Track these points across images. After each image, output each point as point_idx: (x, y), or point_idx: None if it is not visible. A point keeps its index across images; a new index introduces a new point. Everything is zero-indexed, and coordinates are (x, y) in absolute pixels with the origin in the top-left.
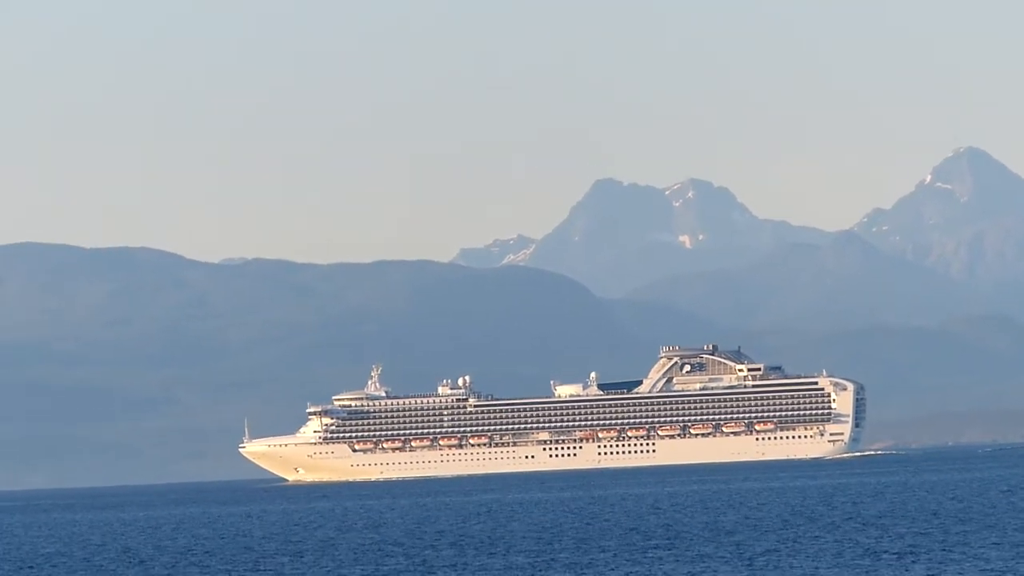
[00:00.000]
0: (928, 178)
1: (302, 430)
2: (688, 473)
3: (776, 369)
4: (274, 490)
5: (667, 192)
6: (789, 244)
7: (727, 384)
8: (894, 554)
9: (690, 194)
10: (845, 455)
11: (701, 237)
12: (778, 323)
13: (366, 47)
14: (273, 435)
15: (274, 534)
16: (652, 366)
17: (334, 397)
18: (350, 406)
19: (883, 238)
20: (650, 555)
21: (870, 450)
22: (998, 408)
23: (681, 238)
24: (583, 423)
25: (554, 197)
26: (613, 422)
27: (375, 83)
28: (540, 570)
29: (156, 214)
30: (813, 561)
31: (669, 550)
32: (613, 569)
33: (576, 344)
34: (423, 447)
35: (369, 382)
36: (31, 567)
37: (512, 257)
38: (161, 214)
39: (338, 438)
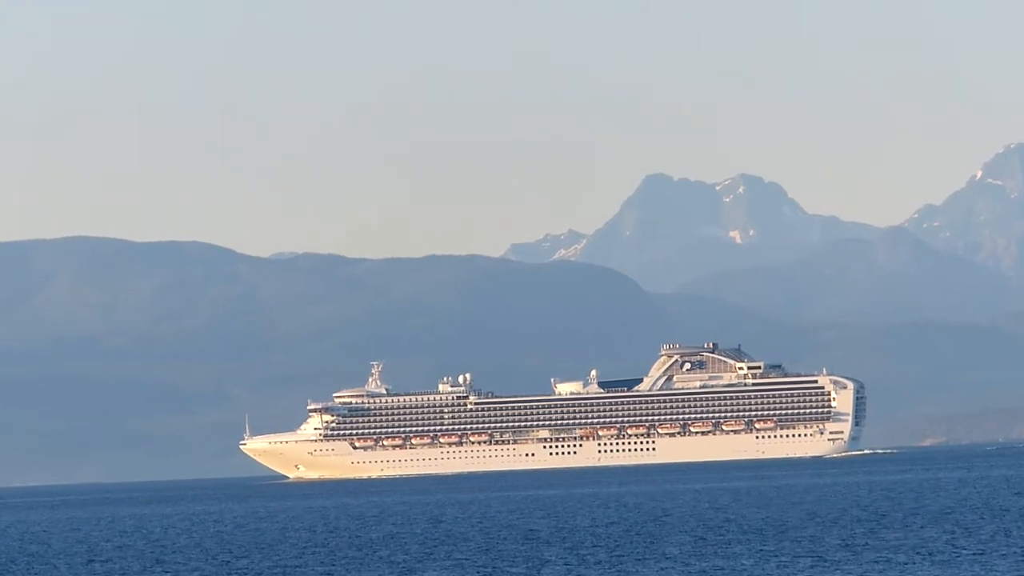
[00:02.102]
0: (979, 174)
1: (303, 427)
2: (715, 470)
3: (776, 367)
4: (288, 487)
5: (718, 187)
6: (839, 240)
7: (727, 382)
8: (975, 553)
9: (740, 189)
10: (845, 454)
11: (751, 232)
12: (828, 319)
13: (409, 40)
14: (275, 432)
15: (343, 527)
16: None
17: (334, 394)
18: (350, 403)
19: (934, 234)
20: (733, 551)
21: (876, 448)
22: None
23: (731, 233)
24: (583, 421)
25: (605, 192)
26: (613, 420)
27: (425, 77)
28: (622, 565)
29: (206, 208)
30: (897, 554)
31: (746, 545)
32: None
33: (626, 339)
34: (423, 444)
35: (370, 379)
36: (104, 560)
37: (563, 252)
38: (211, 208)
39: (338, 435)
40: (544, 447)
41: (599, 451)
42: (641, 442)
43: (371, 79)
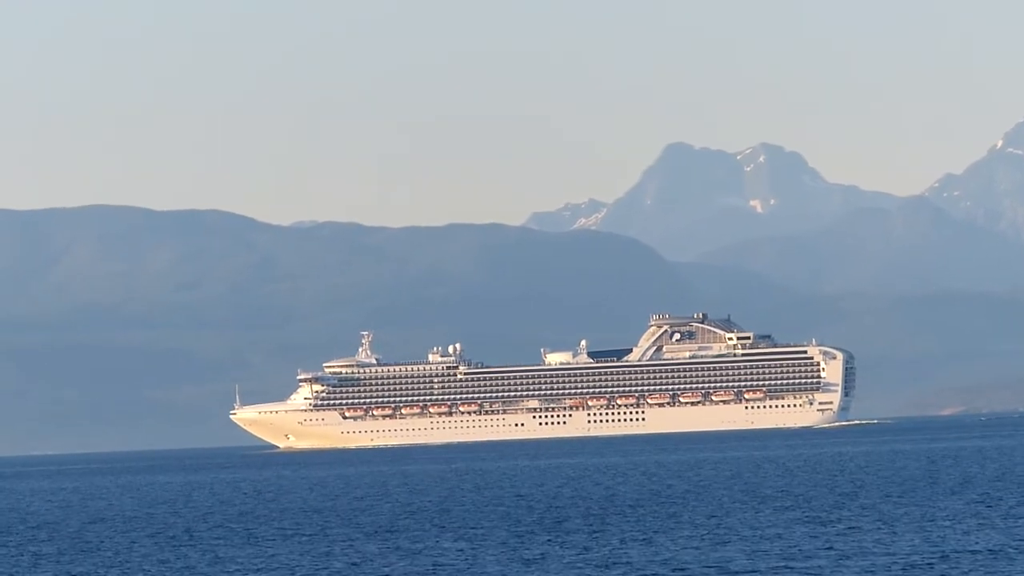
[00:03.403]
0: (999, 144)
1: (293, 397)
2: (731, 440)
3: (765, 338)
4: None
5: (738, 156)
6: (860, 209)
7: (716, 352)
8: None
9: (761, 159)
10: (834, 424)
11: (772, 202)
12: (848, 288)
13: (435, 9)
14: (266, 401)
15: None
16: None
17: (324, 364)
18: (340, 373)
19: (954, 203)
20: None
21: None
22: None
23: (752, 203)
24: (573, 391)
25: (626, 161)
26: (603, 390)
27: (449, 47)
28: (678, 532)
29: (226, 176)
30: (959, 523)
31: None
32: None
33: (646, 308)
34: (413, 414)
35: (360, 349)
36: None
37: (583, 221)
38: (231, 176)
39: (328, 405)
40: (534, 417)
41: (589, 421)
42: (631, 412)
43: (395, 49)
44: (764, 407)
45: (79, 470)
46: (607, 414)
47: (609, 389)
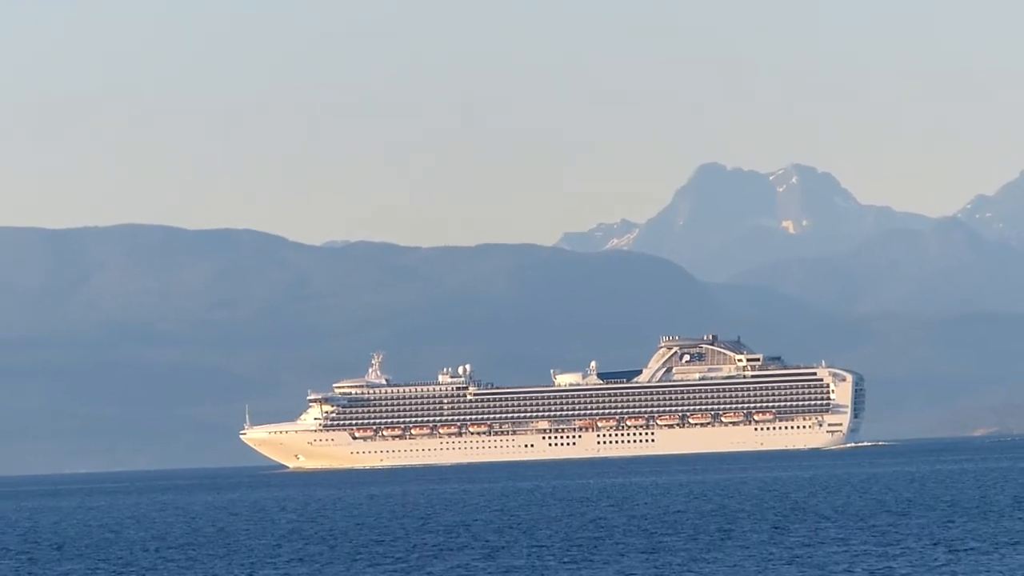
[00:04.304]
0: None
1: (302, 417)
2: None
3: (775, 359)
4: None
5: (771, 177)
6: (892, 230)
7: (726, 374)
8: None
9: (794, 179)
10: (843, 446)
11: (804, 222)
12: (881, 309)
13: (461, 24)
14: (275, 422)
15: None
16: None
17: (334, 384)
18: (350, 393)
19: (986, 225)
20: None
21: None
22: None
23: (784, 223)
24: (582, 412)
25: (658, 181)
26: (612, 411)
27: (480, 65)
28: (755, 549)
29: (259, 195)
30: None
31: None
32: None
33: (678, 329)
34: (423, 435)
35: (370, 370)
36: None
37: (615, 241)
38: (264, 195)
39: (338, 425)
40: (543, 438)
41: (598, 442)
42: (640, 433)
43: (425, 65)
44: (773, 428)
45: (112, 489)
46: (617, 435)
47: (619, 410)
